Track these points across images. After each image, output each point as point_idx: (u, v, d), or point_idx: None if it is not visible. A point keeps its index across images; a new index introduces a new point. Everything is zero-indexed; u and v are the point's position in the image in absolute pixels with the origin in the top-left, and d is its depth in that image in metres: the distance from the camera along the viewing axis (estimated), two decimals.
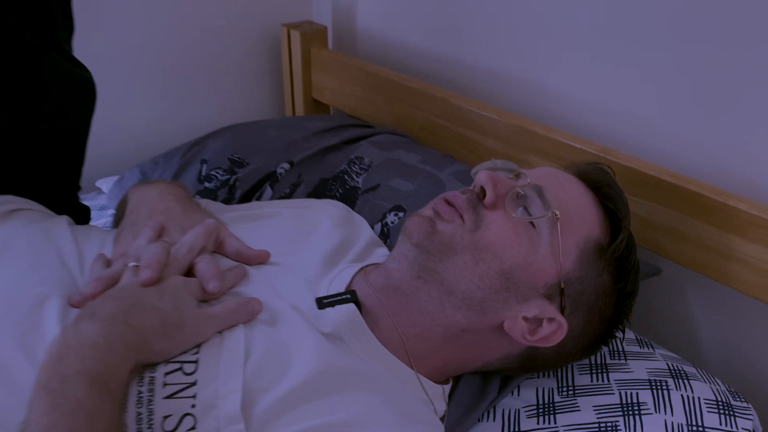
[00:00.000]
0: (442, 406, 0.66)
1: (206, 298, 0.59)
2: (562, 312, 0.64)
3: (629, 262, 0.67)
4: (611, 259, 0.65)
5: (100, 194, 1.08)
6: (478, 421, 0.70)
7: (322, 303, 0.62)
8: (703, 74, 0.79)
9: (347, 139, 1.00)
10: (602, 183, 0.68)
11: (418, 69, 1.13)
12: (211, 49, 1.22)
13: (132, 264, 0.59)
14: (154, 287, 0.56)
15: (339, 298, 0.62)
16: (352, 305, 0.62)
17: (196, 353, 0.54)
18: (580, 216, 0.65)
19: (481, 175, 0.65)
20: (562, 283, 0.63)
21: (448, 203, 0.64)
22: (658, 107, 0.84)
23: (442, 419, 0.66)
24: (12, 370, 0.51)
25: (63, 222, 0.70)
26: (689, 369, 0.75)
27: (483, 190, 0.64)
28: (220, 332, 0.56)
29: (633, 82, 0.86)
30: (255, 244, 0.69)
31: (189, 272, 0.61)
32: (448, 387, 0.67)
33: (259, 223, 0.75)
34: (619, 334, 0.71)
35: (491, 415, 0.70)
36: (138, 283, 0.56)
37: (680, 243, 0.78)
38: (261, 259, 0.67)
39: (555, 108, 0.95)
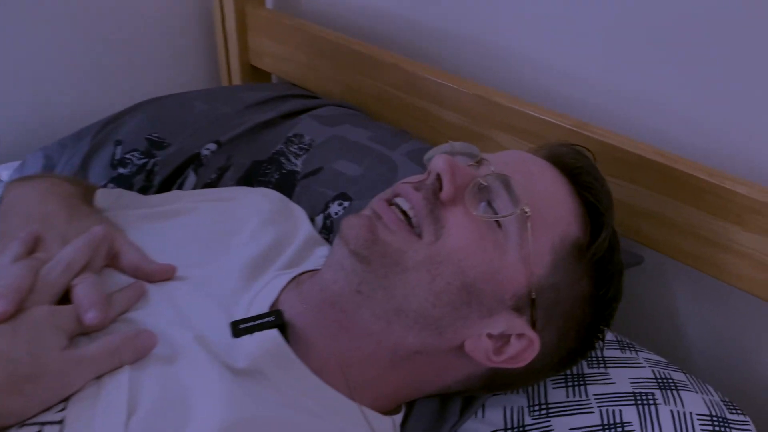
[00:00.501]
0: None
1: (85, 331, 0.47)
2: (533, 326, 0.53)
3: (612, 264, 0.56)
4: (591, 262, 0.55)
5: None
6: None
7: (238, 329, 0.50)
8: (696, 38, 0.67)
9: (285, 113, 0.87)
10: (581, 169, 0.56)
11: (368, 31, 1.00)
12: (132, 11, 1.07)
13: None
14: (7, 324, 0.43)
15: (259, 321, 0.50)
16: (274, 331, 0.50)
17: (62, 410, 0.42)
18: (555, 211, 0.54)
19: (438, 161, 0.53)
20: (533, 293, 0.52)
21: (391, 203, 0.53)
22: (642, 76, 0.72)
23: None
24: None
25: None
26: (678, 376, 0.65)
27: (439, 179, 0.52)
28: (98, 378, 0.44)
29: (613, 47, 0.73)
30: (162, 252, 0.56)
31: (64, 298, 0.49)
32: (399, 417, 0.57)
33: (170, 224, 0.62)
34: (599, 345, 0.60)
35: None
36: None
37: (666, 231, 0.67)
38: (164, 274, 0.54)
39: (523, 76, 0.82)
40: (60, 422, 0.41)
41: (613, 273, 0.57)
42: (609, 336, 0.70)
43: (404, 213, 0.53)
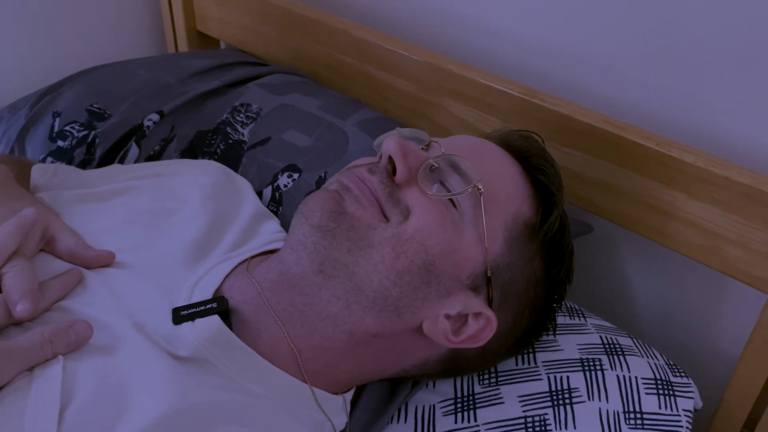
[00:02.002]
0: (342, 420, 0.55)
1: (16, 322, 0.45)
2: (490, 305, 0.53)
3: (563, 244, 0.57)
4: (543, 242, 0.55)
5: None
6: (388, 423, 0.59)
7: (179, 316, 0.48)
8: (647, 5, 0.66)
9: (231, 81, 0.84)
10: (531, 152, 0.56)
11: None
12: None
13: None
14: None
15: (201, 308, 0.49)
16: (215, 318, 0.49)
17: None
18: (506, 190, 0.54)
19: (390, 144, 0.52)
20: (489, 271, 0.52)
21: (362, 182, 0.52)
22: (594, 41, 0.71)
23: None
24: None
25: None
26: (625, 341, 0.67)
27: (391, 162, 0.51)
28: (30, 369, 0.42)
29: (565, 11, 0.72)
30: (99, 236, 0.54)
31: None
32: (350, 394, 0.56)
33: (108, 205, 0.60)
34: (551, 326, 0.61)
35: (403, 414, 0.60)
36: None
37: (616, 199, 0.68)
38: (102, 261, 0.52)
39: (474, 42, 0.81)
40: None
41: (564, 253, 0.57)
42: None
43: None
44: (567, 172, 0.69)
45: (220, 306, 0.50)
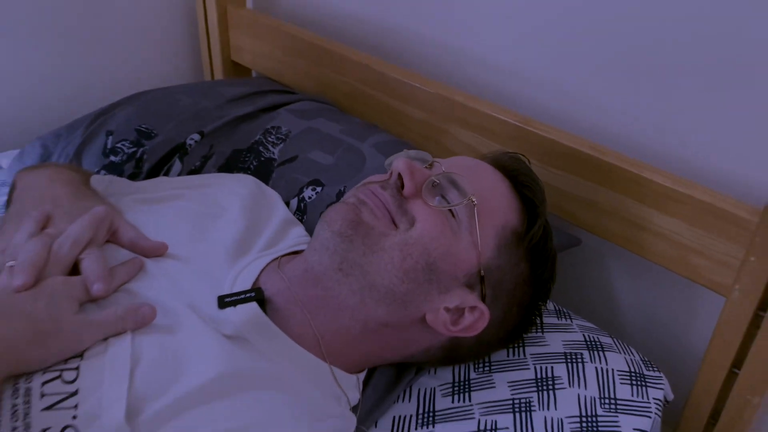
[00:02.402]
0: (355, 396, 0.64)
1: (93, 299, 0.55)
2: (483, 300, 0.62)
3: (546, 249, 0.66)
4: (528, 247, 0.64)
5: None
6: (394, 402, 0.69)
7: (223, 302, 0.58)
8: (625, 48, 0.76)
9: (264, 107, 0.95)
10: (518, 171, 0.66)
11: (341, 32, 1.08)
12: (120, 7, 1.13)
13: (9, 263, 0.54)
14: (29, 291, 0.51)
15: (242, 296, 0.59)
16: (253, 305, 0.58)
17: (79, 360, 0.50)
18: (497, 203, 0.64)
19: (399, 163, 0.62)
20: (482, 272, 0.61)
21: (375, 196, 0.62)
22: (579, 76, 0.82)
23: (356, 407, 0.64)
24: None
25: None
26: (605, 340, 0.76)
27: (399, 177, 0.62)
28: (105, 339, 0.52)
29: (556, 51, 0.83)
30: (155, 233, 0.64)
31: (76, 268, 0.57)
32: (362, 375, 0.66)
33: (161, 208, 0.70)
34: (538, 321, 0.71)
35: (407, 395, 0.69)
36: (11, 289, 0.52)
37: (598, 215, 0.77)
38: (157, 251, 0.62)
39: (478, 75, 0.92)
40: (76, 369, 0.50)
41: (547, 257, 0.66)
42: (548, 305, 0.80)
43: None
44: (555, 190, 0.79)
45: (257, 295, 0.59)
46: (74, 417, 0.47)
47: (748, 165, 0.71)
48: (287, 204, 0.80)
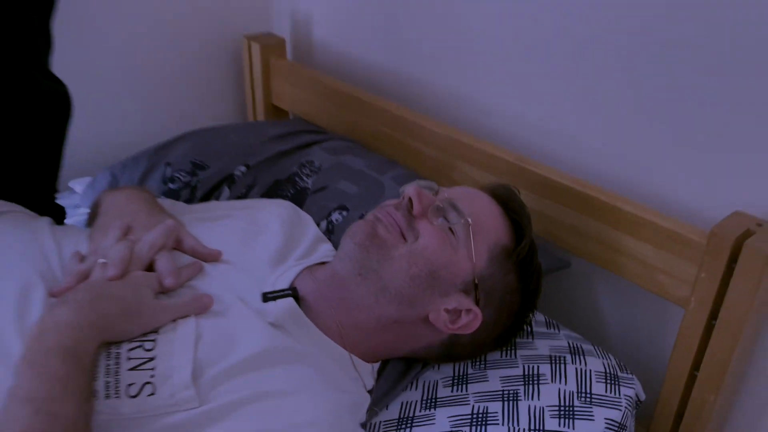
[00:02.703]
0: (370, 381, 0.77)
1: (164, 291, 0.70)
2: (477, 304, 0.75)
3: (532, 263, 0.79)
4: (516, 261, 0.77)
5: (73, 194, 1.18)
6: (403, 391, 0.81)
7: (266, 297, 0.73)
8: (602, 100, 0.91)
9: (300, 144, 1.11)
10: (509, 199, 0.80)
11: (366, 81, 1.24)
12: (178, 57, 1.32)
13: (101, 261, 0.70)
14: (118, 281, 0.67)
15: (281, 293, 0.73)
16: (290, 299, 0.73)
17: (155, 334, 0.65)
18: (490, 224, 0.77)
19: (410, 189, 0.76)
20: (476, 280, 0.75)
21: (390, 216, 0.76)
22: (566, 122, 0.96)
23: (371, 392, 0.77)
24: (8, 345, 0.62)
25: (45, 223, 0.80)
26: (587, 346, 0.88)
27: (410, 202, 0.76)
28: (174, 321, 0.67)
29: (546, 101, 0.98)
30: (210, 243, 0.79)
31: (150, 267, 0.72)
32: (377, 365, 0.79)
33: (215, 224, 0.85)
34: (527, 329, 0.84)
35: (414, 385, 0.82)
36: (105, 279, 0.67)
37: (581, 239, 0.90)
38: (214, 257, 0.77)
39: (482, 119, 1.07)
40: (154, 341, 0.64)
41: (533, 270, 0.79)
42: (539, 317, 0.92)
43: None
44: (546, 218, 0.92)
45: (293, 293, 0.74)
46: (152, 376, 0.62)
47: (699, 195, 0.84)
48: (318, 225, 0.95)
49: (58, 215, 0.94)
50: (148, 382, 0.61)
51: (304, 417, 0.63)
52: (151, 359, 0.63)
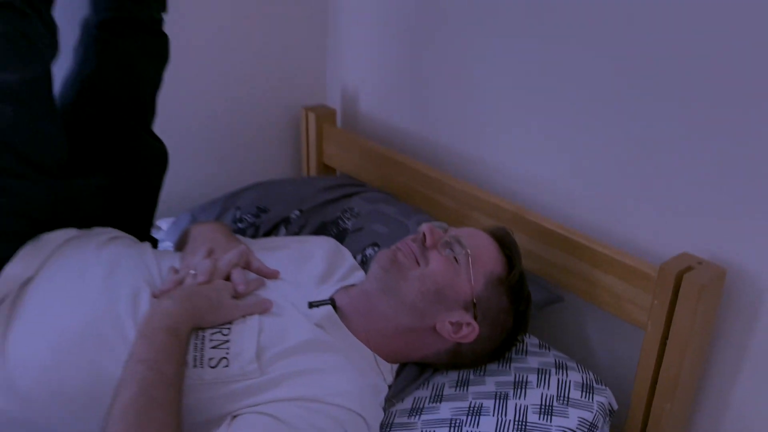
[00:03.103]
0: (390, 378, 0.98)
1: (237, 296, 0.94)
2: (475, 319, 0.96)
3: (521, 289, 1.00)
4: (508, 287, 0.98)
5: (159, 231, 1.45)
6: (416, 390, 1.02)
7: (311, 305, 0.96)
8: (587, 157, 1.13)
9: (344, 195, 1.36)
10: (504, 238, 1.01)
11: (400, 143, 1.50)
12: (249, 122, 1.60)
13: (192, 272, 0.94)
14: (205, 286, 0.91)
15: (323, 302, 0.96)
16: (330, 307, 0.96)
17: (230, 325, 0.89)
18: (487, 257, 0.99)
19: (425, 227, 0.99)
20: (474, 299, 0.96)
21: (408, 247, 0.99)
22: (557, 177, 1.18)
23: (390, 387, 0.98)
24: (126, 330, 0.86)
25: (147, 246, 1.06)
26: (571, 364, 1.07)
27: (424, 236, 0.99)
28: (243, 317, 0.91)
29: (541, 160, 1.20)
30: (270, 265, 1.04)
31: (228, 278, 0.96)
32: (396, 366, 1.00)
33: (274, 253, 1.10)
34: (521, 345, 1.04)
35: (425, 385, 1.02)
36: (195, 284, 0.92)
37: (567, 275, 1.11)
38: (274, 275, 1.01)
39: (491, 176, 1.30)
40: (229, 329, 0.88)
41: (522, 296, 1.00)
42: (534, 340, 1.12)
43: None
44: (539, 258, 1.13)
45: (332, 303, 0.97)
46: (227, 353, 0.85)
47: (658, 238, 1.04)
48: (354, 257, 1.18)
49: (153, 243, 1.20)
50: (224, 357, 0.85)
51: (336, 388, 0.85)
52: (227, 341, 0.86)
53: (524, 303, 1.01)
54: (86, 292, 0.92)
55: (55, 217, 1.03)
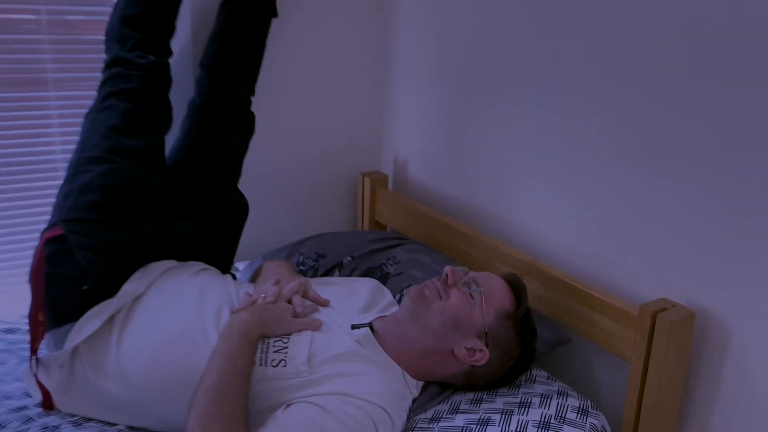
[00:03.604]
0: (415, 392, 1.20)
1: (296, 316, 1.20)
2: (487, 346, 1.18)
3: (527, 324, 1.21)
4: (515, 321, 1.19)
5: (237, 271, 1.73)
6: (437, 405, 1.23)
7: (353, 327, 1.20)
8: (590, 215, 1.35)
9: (389, 246, 1.62)
10: (515, 282, 1.23)
11: (438, 204, 1.75)
12: (313, 184, 1.90)
13: (262, 296, 1.21)
14: (272, 305, 1.17)
15: (363, 325, 1.20)
16: (368, 329, 1.19)
17: (289, 336, 1.14)
18: (498, 295, 1.21)
19: (447, 268, 1.23)
20: (486, 330, 1.18)
21: (434, 284, 1.23)
22: (563, 232, 1.40)
23: (414, 400, 1.20)
24: (211, 337, 1.13)
25: (228, 277, 1.34)
26: (572, 393, 1.25)
27: (447, 277, 1.22)
28: (299, 332, 1.16)
29: (551, 218, 1.43)
30: (323, 296, 1.29)
31: (290, 302, 1.23)
32: (421, 383, 1.22)
33: (327, 287, 1.36)
34: (529, 374, 1.24)
35: (445, 402, 1.23)
36: (265, 303, 1.18)
37: (572, 317, 1.30)
38: (325, 303, 1.27)
39: (511, 231, 1.53)
40: (288, 338, 1.13)
41: (527, 330, 1.21)
42: (543, 373, 1.31)
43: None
44: (548, 302, 1.34)
45: (370, 326, 1.20)
46: (285, 356, 1.10)
47: (644, 286, 1.24)
48: (393, 296, 1.42)
49: (233, 277, 1.49)
50: (282, 360, 1.09)
51: (367, 388, 1.08)
52: (286, 348, 1.11)
53: (530, 336, 1.22)
54: (182, 307, 1.20)
55: (160, 251, 1.32)
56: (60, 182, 1.34)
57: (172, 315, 1.19)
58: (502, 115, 1.53)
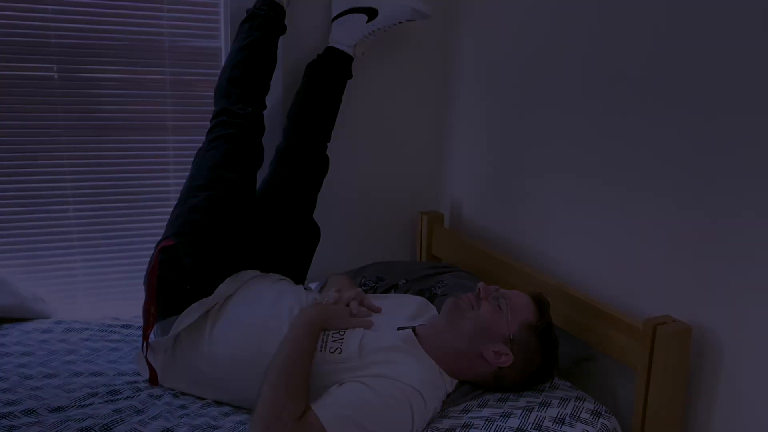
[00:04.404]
0: (450, 388, 1.41)
1: (352, 316, 1.45)
2: (512, 351, 1.39)
3: (548, 335, 1.41)
4: (537, 331, 1.40)
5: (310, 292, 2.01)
6: (469, 401, 1.43)
7: (399, 329, 1.44)
8: (609, 244, 1.55)
9: (439, 272, 1.86)
10: (539, 299, 1.44)
11: (487, 239, 1.98)
12: (379, 221, 2.18)
13: (326, 299, 1.48)
14: (333, 306, 1.44)
15: (407, 328, 1.44)
16: (411, 331, 1.43)
17: (344, 330, 1.40)
18: (523, 309, 1.41)
19: (480, 284, 1.46)
20: (511, 337, 1.39)
21: (468, 297, 1.46)
22: (584, 259, 1.60)
23: (449, 395, 1.41)
24: (284, 329, 1.39)
25: (301, 287, 1.62)
26: (589, 399, 1.42)
27: (479, 291, 1.45)
28: (354, 328, 1.41)
29: (577, 249, 1.63)
30: (377, 305, 1.55)
31: (348, 306, 1.49)
32: (455, 381, 1.43)
33: (381, 300, 1.61)
34: (549, 382, 1.44)
35: (476, 399, 1.43)
36: (328, 304, 1.45)
37: (593, 334, 1.49)
38: (377, 310, 1.51)
39: (549, 263, 1.73)
40: (344, 331, 1.38)
41: (548, 340, 1.41)
42: (567, 383, 1.49)
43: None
44: (573, 322, 1.53)
45: (413, 330, 1.44)
46: (341, 345, 1.35)
47: (651, 305, 1.41)
48: (438, 311, 1.65)
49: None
50: (338, 348, 1.35)
51: (406, 373, 1.31)
52: (342, 339, 1.37)
53: (550, 345, 1.41)
54: (263, 306, 1.49)
55: (248, 262, 1.63)
56: (170, 208, 1.68)
57: (255, 311, 1.47)
58: (541, 163, 1.77)
